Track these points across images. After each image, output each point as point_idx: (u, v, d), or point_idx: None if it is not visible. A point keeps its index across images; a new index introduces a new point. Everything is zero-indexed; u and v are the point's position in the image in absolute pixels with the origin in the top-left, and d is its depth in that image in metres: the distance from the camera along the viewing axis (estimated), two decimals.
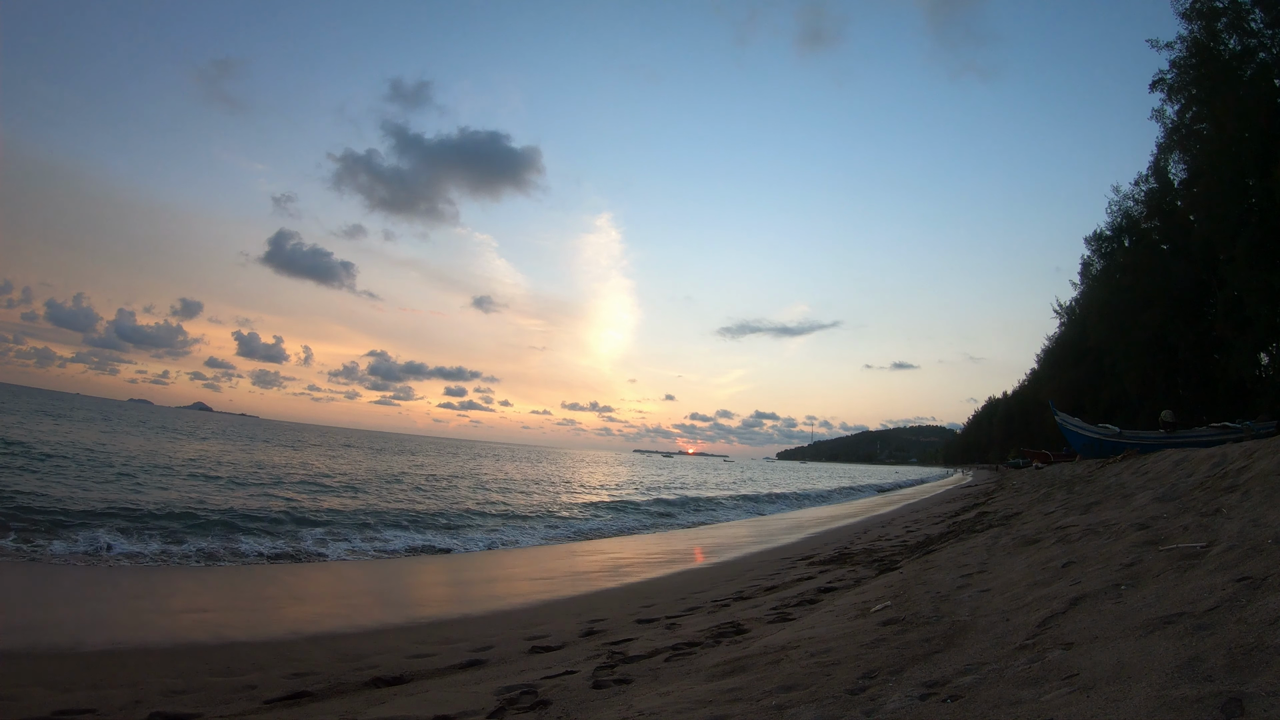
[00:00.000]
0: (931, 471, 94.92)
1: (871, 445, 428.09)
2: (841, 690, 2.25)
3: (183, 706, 3.44)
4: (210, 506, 11.73)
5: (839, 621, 3.45)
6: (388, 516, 13.05)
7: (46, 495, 11.05)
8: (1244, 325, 20.67)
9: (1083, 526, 4.56)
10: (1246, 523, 3.36)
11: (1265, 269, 18.91)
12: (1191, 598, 2.34)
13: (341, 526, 11.48)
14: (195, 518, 10.51)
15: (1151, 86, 23.51)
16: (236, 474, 18.66)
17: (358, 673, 4.05)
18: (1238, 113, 19.65)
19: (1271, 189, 18.66)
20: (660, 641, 4.07)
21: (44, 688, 3.69)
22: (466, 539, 11.80)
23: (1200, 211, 22.09)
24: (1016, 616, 2.76)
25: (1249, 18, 20.58)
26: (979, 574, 4.04)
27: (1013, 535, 5.25)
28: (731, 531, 14.74)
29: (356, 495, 16.64)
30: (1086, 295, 36.99)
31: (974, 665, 2.24)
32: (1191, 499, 4.80)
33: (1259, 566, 2.48)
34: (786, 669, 2.65)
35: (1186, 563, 2.85)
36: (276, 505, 12.97)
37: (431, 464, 37.41)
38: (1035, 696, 1.81)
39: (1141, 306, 27.12)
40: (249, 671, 4.12)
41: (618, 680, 3.12)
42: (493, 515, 15.26)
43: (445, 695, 3.33)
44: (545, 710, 2.79)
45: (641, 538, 13.79)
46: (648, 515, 17.97)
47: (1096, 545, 3.83)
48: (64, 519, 9.36)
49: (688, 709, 2.39)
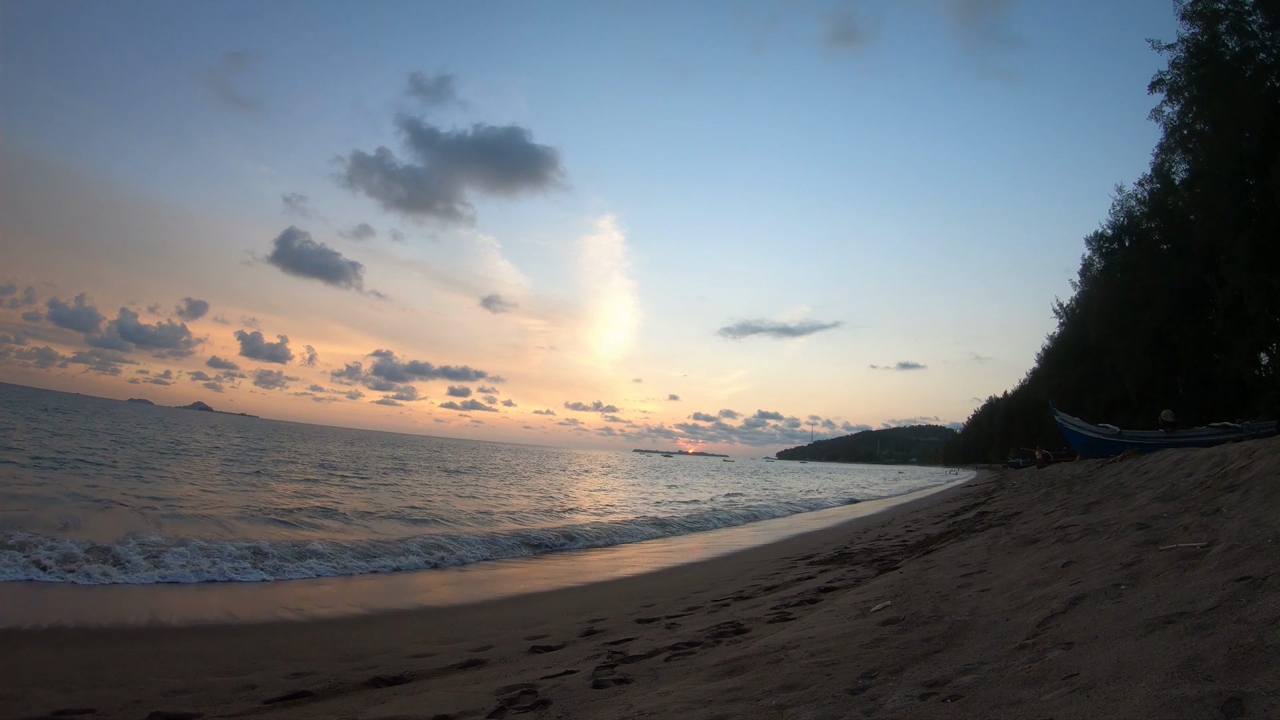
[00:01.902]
0: (917, 473, 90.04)
1: (871, 445, 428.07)
2: (841, 690, 2.25)
3: (183, 706, 3.44)
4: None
5: (839, 621, 3.45)
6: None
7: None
8: (1244, 325, 20.68)
9: (1083, 526, 4.55)
10: (1246, 522, 3.36)
11: (1265, 269, 18.92)
12: (1191, 597, 2.34)
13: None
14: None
15: (1151, 87, 23.53)
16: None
17: (358, 672, 4.05)
18: (1237, 113, 19.66)
19: (1271, 189, 18.66)
20: (660, 641, 4.08)
21: (44, 688, 3.69)
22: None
23: (1200, 211, 22.09)
24: (1016, 616, 2.76)
25: (1249, 19, 20.60)
26: (979, 574, 4.04)
27: (1013, 535, 5.25)
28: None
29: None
30: (1086, 295, 37.01)
31: (974, 665, 2.24)
32: (1191, 499, 4.80)
33: (1259, 566, 2.48)
34: (786, 669, 2.65)
35: (1186, 562, 2.85)
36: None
37: (361, 455, 36.49)
38: (1035, 696, 1.81)
39: (1141, 306, 27.13)
40: (249, 671, 4.12)
41: (618, 680, 3.12)
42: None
43: (445, 695, 3.33)
44: (545, 710, 2.79)
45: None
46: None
47: (1096, 545, 3.83)
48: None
49: (688, 709, 2.39)
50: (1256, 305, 19.46)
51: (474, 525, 13.13)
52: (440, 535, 10.61)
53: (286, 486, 17.56)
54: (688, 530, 15.04)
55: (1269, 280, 18.68)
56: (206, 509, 11.72)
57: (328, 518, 12.37)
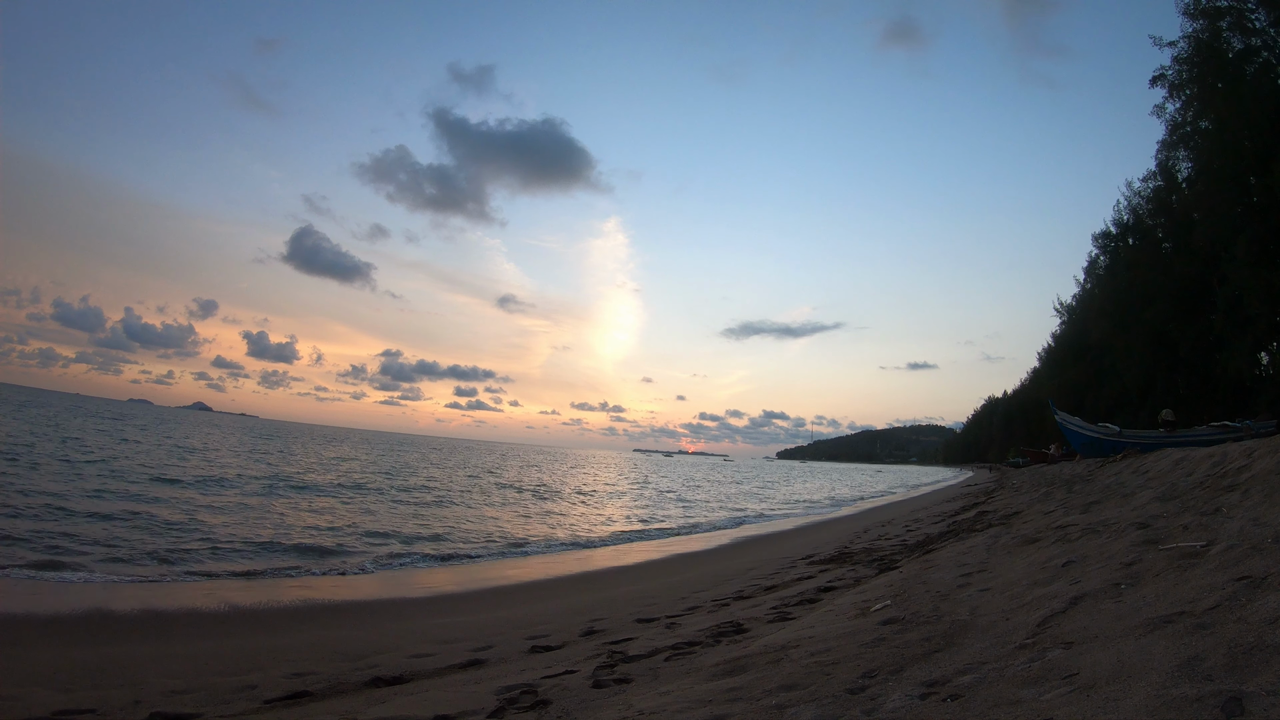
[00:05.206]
0: (910, 473, 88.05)
1: (871, 445, 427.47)
2: (841, 689, 2.25)
3: (183, 706, 3.44)
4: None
5: (839, 621, 3.45)
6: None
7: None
8: (1245, 324, 20.66)
9: (1083, 526, 4.55)
10: (1246, 522, 3.36)
11: (1266, 267, 18.90)
12: (1191, 597, 2.33)
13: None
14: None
15: (1152, 82, 23.44)
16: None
17: (358, 672, 4.05)
18: (1239, 111, 19.62)
19: (1272, 187, 18.63)
20: (660, 641, 4.07)
21: (44, 688, 3.69)
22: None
23: (1202, 209, 22.05)
24: (1016, 616, 2.76)
25: (1252, 17, 20.55)
26: (979, 573, 4.04)
27: (1013, 534, 5.24)
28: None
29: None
30: (1088, 292, 36.95)
31: (974, 664, 2.24)
32: (1191, 498, 4.79)
33: (1259, 566, 2.48)
34: (786, 668, 2.65)
35: (1186, 562, 2.84)
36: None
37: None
38: (1035, 696, 1.81)
39: (1143, 304, 27.10)
40: (249, 671, 4.12)
41: (618, 680, 3.12)
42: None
43: (445, 695, 3.33)
44: (545, 710, 2.79)
45: None
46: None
47: (1096, 544, 3.83)
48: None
49: (688, 708, 2.39)
50: (1257, 304, 19.44)
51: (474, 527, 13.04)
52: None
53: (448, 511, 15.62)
54: (682, 534, 15.05)
55: (1270, 279, 18.66)
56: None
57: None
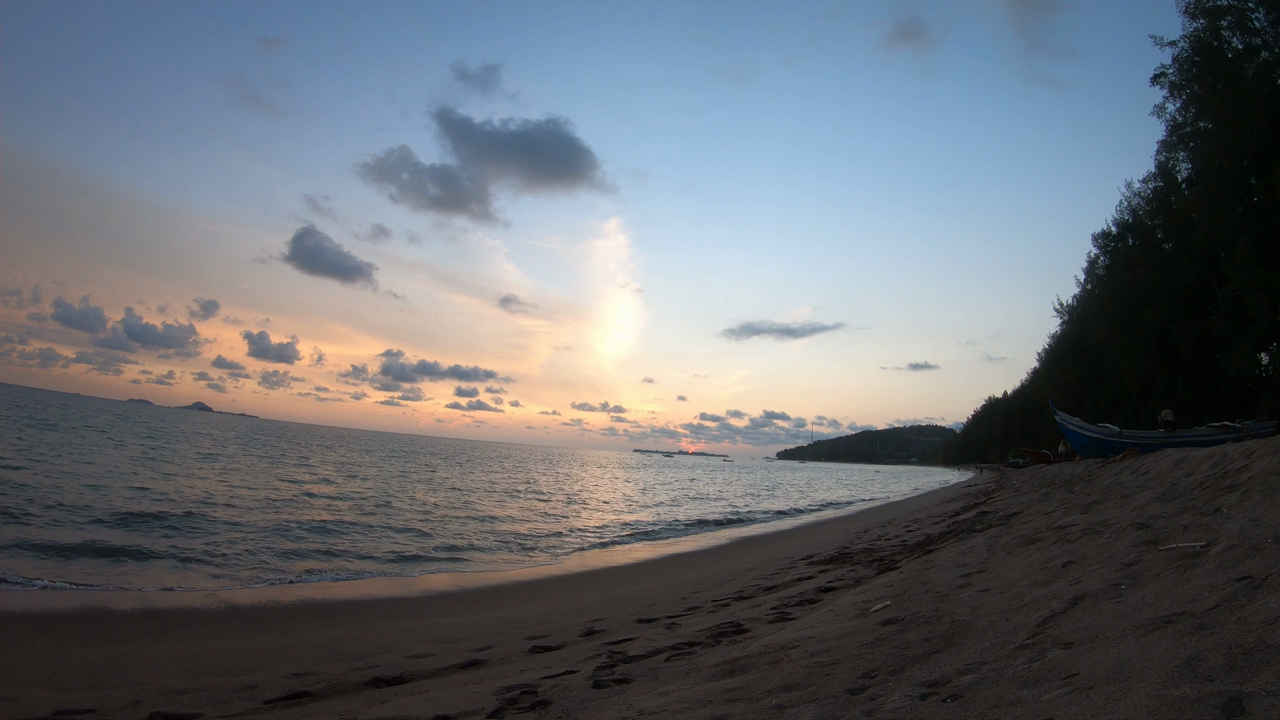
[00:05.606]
0: (903, 473, 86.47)
1: (871, 445, 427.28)
2: (841, 690, 2.25)
3: (183, 706, 3.45)
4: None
5: (839, 621, 3.45)
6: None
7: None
8: (1245, 324, 20.66)
9: (1083, 526, 4.55)
10: (1246, 522, 3.36)
11: (1266, 267, 18.90)
12: (1191, 597, 2.33)
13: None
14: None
15: (1152, 81, 23.47)
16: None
17: (358, 673, 4.05)
18: (1239, 111, 19.62)
19: (1272, 187, 18.62)
20: (660, 641, 4.07)
21: (44, 688, 3.69)
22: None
23: (1202, 209, 22.04)
24: (1016, 616, 2.76)
25: (1252, 16, 20.55)
26: (979, 573, 4.04)
27: (1013, 535, 5.24)
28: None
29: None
30: (1089, 293, 36.91)
31: (974, 665, 2.24)
32: (1191, 498, 4.79)
33: (1259, 566, 2.48)
34: (786, 669, 2.65)
35: (1186, 562, 2.84)
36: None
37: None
38: (1035, 696, 1.81)
39: (1143, 304, 27.08)
40: (249, 671, 4.12)
41: (618, 680, 3.12)
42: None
43: (445, 695, 3.33)
44: (545, 710, 2.79)
45: None
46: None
47: (1096, 545, 3.83)
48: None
49: (688, 709, 2.39)
50: (1257, 304, 19.43)
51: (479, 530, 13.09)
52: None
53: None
54: (682, 534, 15.04)
55: (1269, 279, 18.65)
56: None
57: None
